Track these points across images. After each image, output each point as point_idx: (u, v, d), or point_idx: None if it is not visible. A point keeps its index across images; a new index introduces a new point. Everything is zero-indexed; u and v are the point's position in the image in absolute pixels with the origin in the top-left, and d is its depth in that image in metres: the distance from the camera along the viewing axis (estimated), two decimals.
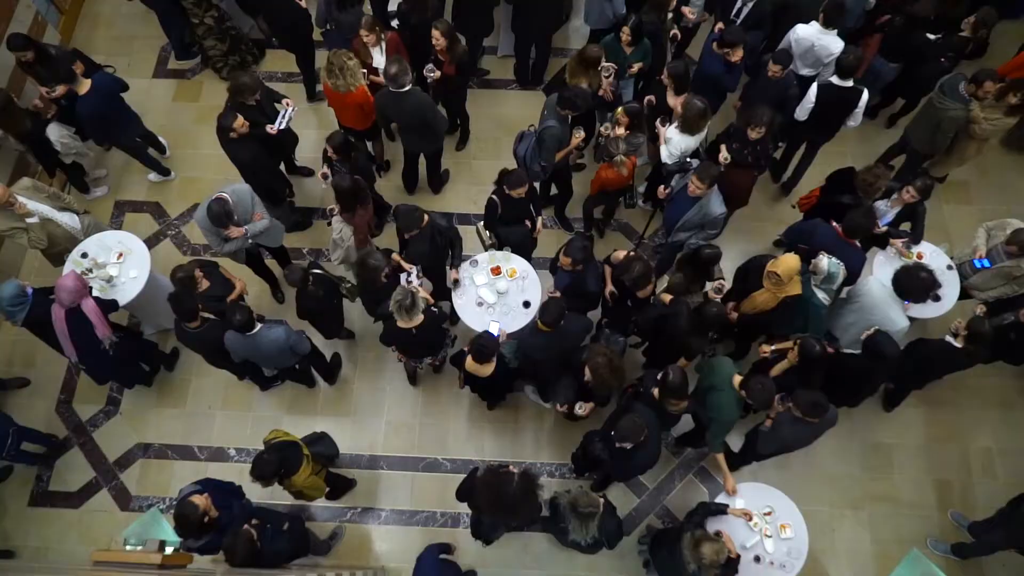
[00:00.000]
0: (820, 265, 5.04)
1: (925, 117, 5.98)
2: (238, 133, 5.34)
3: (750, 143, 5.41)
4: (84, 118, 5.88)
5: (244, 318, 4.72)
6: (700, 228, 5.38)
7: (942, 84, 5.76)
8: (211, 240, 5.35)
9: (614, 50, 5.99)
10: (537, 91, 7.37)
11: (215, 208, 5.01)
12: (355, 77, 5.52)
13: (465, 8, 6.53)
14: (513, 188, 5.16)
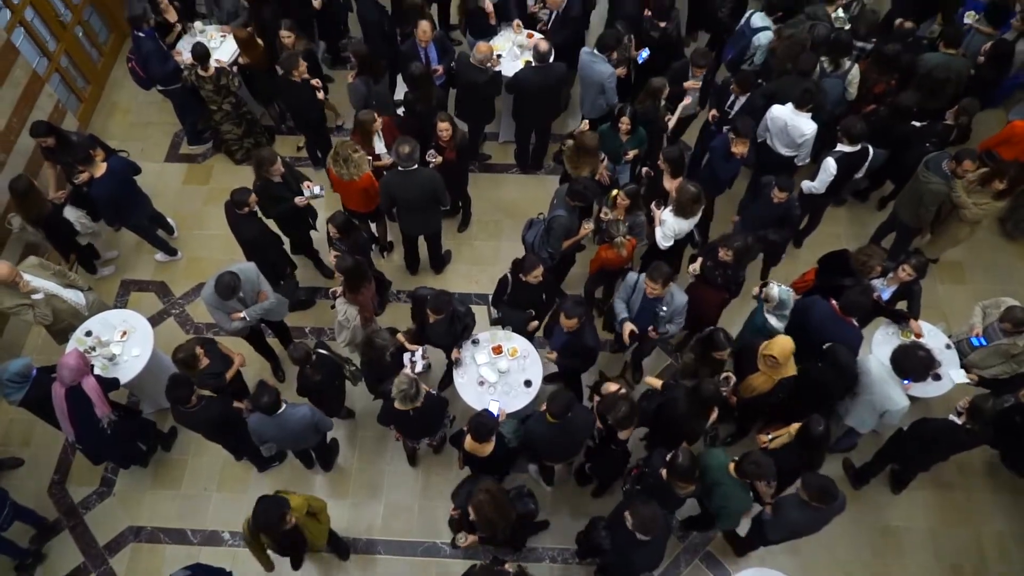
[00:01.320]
0: (771, 293, 5.33)
1: (910, 191, 6.19)
2: (249, 209, 5.51)
3: (721, 264, 5.40)
4: (99, 200, 6.05)
5: (271, 399, 4.70)
6: (669, 319, 5.34)
7: (927, 160, 6.00)
8: (218, 318, 5.41)
9: (610, 137, 6.23)
10: (537, 175, 7.61)
11: (225, 279, 5.10)
12: (359, 167, 5.76)
13: (467, 98, 6.83)
14: (527, 273, 5.26)
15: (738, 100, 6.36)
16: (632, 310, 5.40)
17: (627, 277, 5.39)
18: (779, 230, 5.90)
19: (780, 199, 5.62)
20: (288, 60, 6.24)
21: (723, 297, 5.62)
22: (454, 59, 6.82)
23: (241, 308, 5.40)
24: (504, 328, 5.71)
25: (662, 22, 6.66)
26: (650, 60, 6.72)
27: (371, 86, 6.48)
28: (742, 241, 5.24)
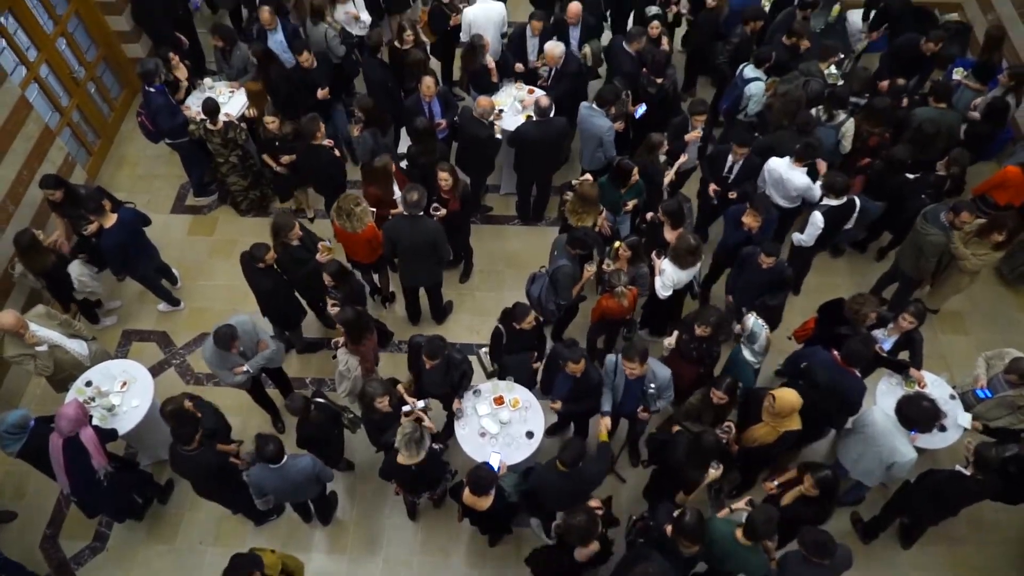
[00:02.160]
0: (747, 324, 5.42)
1: (910, 243, 6.24)
2: (265, 264, 5.61)
3: (697, 339, 5.33)
4: (107, 250, 6.11)
5: (277, 448, 4.67)
6: (659, 395, 5.23)
7: (925, 212, 6.06)
8: (221, 375, 5.44)
9: (609, 189, 6.33)
10: (538, 226, 7.69)
11: (222, 331, 5.12)
12: (362, 220, 5.85)
13: (469, 151, 6.96)
14: (521, 321, 5.28)
15: (736, 163, 6.36)
16: (618, 393, 5.23)
17: (606, 361, 5.27)
18: (776, 294, 5.83)
19: (768, 264, 5.55)
20: (308, 124, 6.35)
21: (698, 371, 5.54)
22: (457, 113, 6.98)
23: (242, 361, 5.40)
24: (504, 379, 5.69)
25: (659, 78, 6.83)
26: (647, 115, 6.88)
27: (378, 138, 6.61)
28: (717, 316, 5.20)
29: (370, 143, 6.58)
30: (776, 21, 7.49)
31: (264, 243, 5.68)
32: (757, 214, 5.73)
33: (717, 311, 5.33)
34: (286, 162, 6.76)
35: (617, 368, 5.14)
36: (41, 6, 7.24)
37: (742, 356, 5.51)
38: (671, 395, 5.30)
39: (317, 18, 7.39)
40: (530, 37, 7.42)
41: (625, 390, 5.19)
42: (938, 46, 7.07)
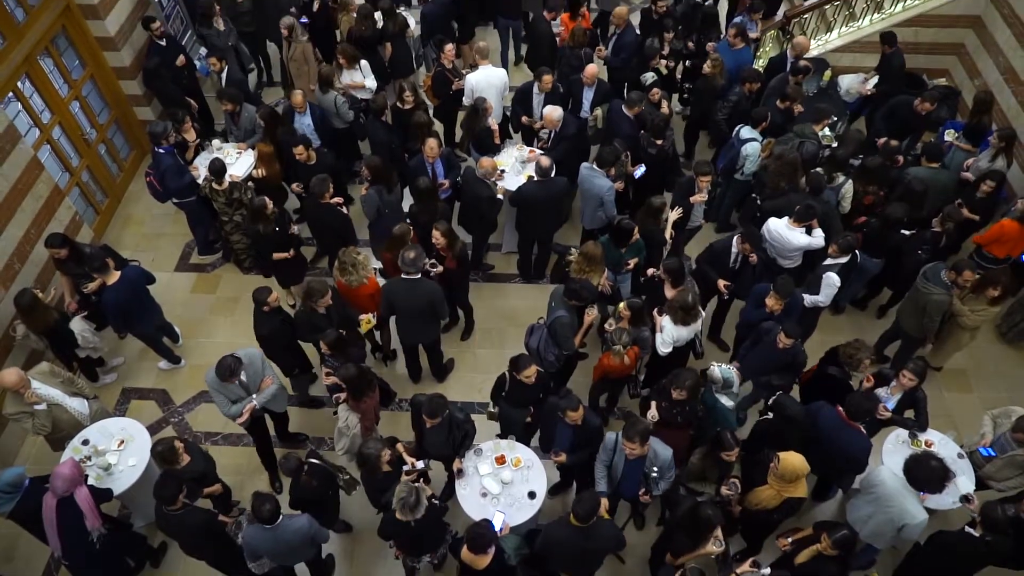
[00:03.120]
0: (714, 375, 5.46)
1: (912, 302, 6.24)
2: (269, 308, 5.66)
3: (676, 403, 5.25)
4: (109, 306, 6.12)
5: (273, 507, 4.56)
6: (661, 477, 5.10)
7: (925, 271, 6.09)
8: (218, 401, 5.38)
9: (609, 248, 6.39)
10: (539, 284, 7.73)
11: (226, 361, 5.12)
12: (366, 270, 5.91)
13: (471, 211, 7.07)
14: (520, 371, 5.25)
15: (739, 256, 6.25)
16: (617, 474, 5.07)
17: (606, 439, 5.15)
18: (784, 375, 5.74)
19: (785, 345, 5.45)
20: (319, 184, 6.48)
21: (688, 434, 5.47)
22: (460, 174, 7.12)
23: (244, 394, 5.37)
24: (498, 423, 5.65)
25: (658, 140, 6.99)
26: (646, 175, 7.01)
27: (383, 195, 6.73)
28: (692, 379, 5.14)
29: (376, 201, 6.69)
30: (770, 86, 7.72)
31: (267, 287, 5.72)
32: (781, 299, 5.65)
33: (691, 373, 5.24)
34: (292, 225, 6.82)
35: (617, 447, 5.00)
36: (57, 71, 7.46)
37: (720, 404, 5.48)
38: (672, 476, 5.13)
39: (326, 87, 7.62)
40: (536, 94, 7.63)
41: (625, 471, 5.03)
42: (933, 105, 7.26)
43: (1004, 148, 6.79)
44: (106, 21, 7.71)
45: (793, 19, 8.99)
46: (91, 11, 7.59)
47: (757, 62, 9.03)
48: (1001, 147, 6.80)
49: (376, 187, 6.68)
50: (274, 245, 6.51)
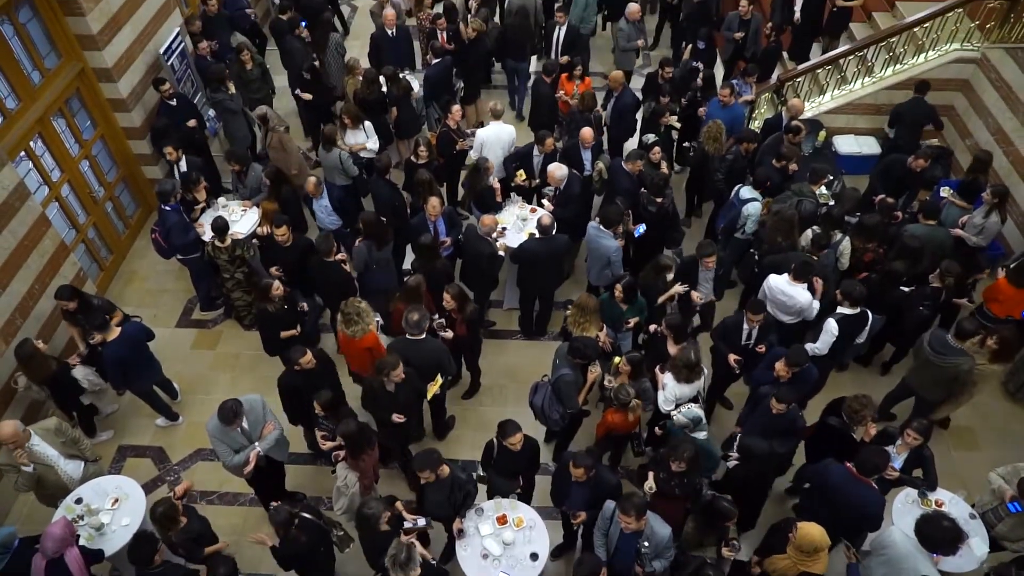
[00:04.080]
0: (680, 420, 5.47)
1: (930, 373, 6.05)
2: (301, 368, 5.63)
3: (675, 475, 5.14)
4: (109, 363, 6.11)
5: (228, 570, 4.46)
6: (657, 555, 4.89)
7: (931, 344, 5.95)
8: (220, 450, 5.32)
9: (610, 305, 6.42)
10: (541, 341, 7.72)
11: (228, 404, 5.10)
12: (369, 319, 5.95)
13: (473, 267, 7.12)
14: (506, 437, 5.15)
15: (753, 329, 6.12)
16: (611, 544, 4.94)
17: (604, 507, 5.04)
18: (784, 442, 5.61)
19: (779, 411, 5.38)
20: (324, 243, 6.57)
21: (684, 507, 5.35)
22: (461, 232, 7.21)
23: (246, 442, 5.33)
24: (494, 493, 5.54)
25: (658, 198, 7.10)
26: (647, 233, 7.09)
27: (372, 251, 6.81)
28: (691, 449, 5.07)
29: (364, 255, 6.80)
30: (765, 145, 7.89)
31: (302, 347, 5.66)
32: (789, 366, 5.56)
33: (691, 443, 5.16)
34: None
35: (614, 516, 4.87)
36: (69, 130, 7.63)
37: (700, 441, 5.38)
38: (671, 556, 4.92)
39: (329, 145, 7.78)
40: (536, 155, 7.78)
41: (619, 543, 4.88)
42: (927, 162, 7.40)
43: (997, 204, 6.90)
44: (119, 83, 7.93)
45: (787, 82, 9.25)
46: (105, 74, 7.82)
47: (753, 123, 9.27)
48: (994, 203, 6.90)
49: (367, 242, 6.77)
50: (283, 324, 6.41)
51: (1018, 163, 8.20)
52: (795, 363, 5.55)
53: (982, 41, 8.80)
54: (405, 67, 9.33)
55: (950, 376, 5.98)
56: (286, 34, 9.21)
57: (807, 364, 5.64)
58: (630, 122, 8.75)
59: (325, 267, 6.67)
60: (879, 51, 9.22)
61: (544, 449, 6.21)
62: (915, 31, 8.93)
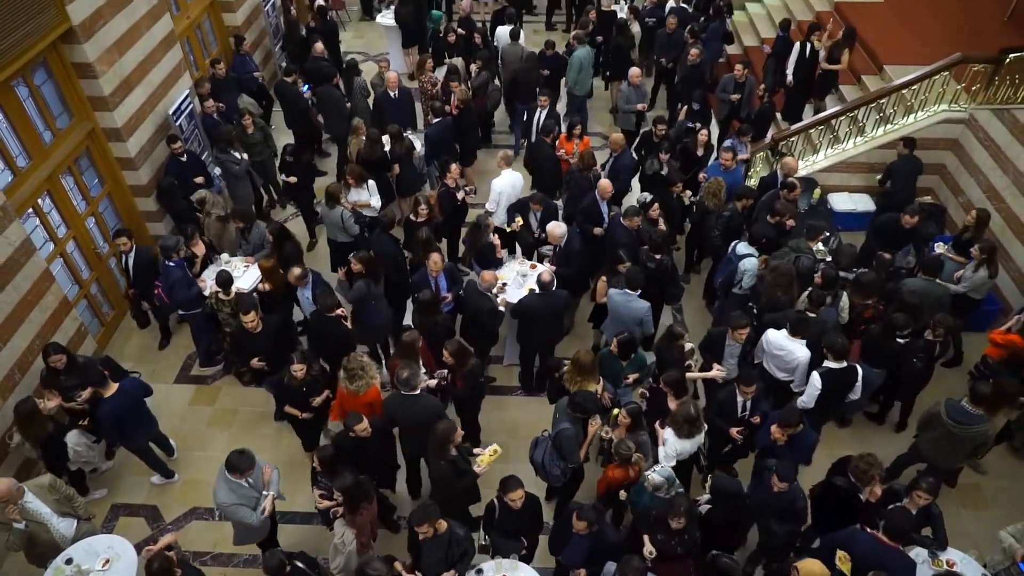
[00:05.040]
0: (655, 481, 5.28)
1: (951, 444, 5.92)
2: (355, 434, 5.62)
3: (675, 533, 5.03)
4: (104, 418, 6.06)
5: None
6: None
7: (947, 410, 5.85)
8: (241, 513, 5.30)
9: (611, 361, 6.41)
10: (541, 397, 7.65)
11: (233, 457, 5.14)
12: (372, 373, 5.96)
13: (473, 323, 7.13)
14: (506, 493, 5.08)
15: (747, 401, 6.05)
16: None
17: (605, 569, 4.98)
18: (783, 522, 5.47)
19: (780, 489, 5.25)
20: (326, 298, 6.67)
21: (687, 565, 5.20)
22: (462, 287, 7.26)
23: (256, 494, 5.33)
24: (496, 556, 5.42)
25: (657, 255, 7.17)
26: (647, 288, 7.12)
27: (371, 287, 6.97)
28: (686, 503, 5.01)
29: (364, 292, 6.96)
30: (761, 201, 8.02)
31: (359, 414, 5.60)
32: (784, 429, 5.51)
33: (683, 499, 5.10)
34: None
35: None
36: (76, 188, 7.77)
37: (657, 500, 5.28)
38: None
39: (332, 202, 7.91)
40: (532, 210, 7.92)
41: None
42: (915, 218, 7.51)
43: (986, 260, 6.98)
44: (128, 143, 8.12)
45: (781, 141, 9.47)
46: (115, 134, 8.01)
47: (749, 181, 9.44)
48: (983, 259, 6.98)
49: (366, 280, 6.93)
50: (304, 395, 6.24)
51: (1011, 220, 8.33)
52: (788, 424, 5.47)
53: (969, 102, 9.06)
54: (407, 127, 9.57)
55: (977, 443, 5.88)
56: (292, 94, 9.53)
57: (804, 428, 5.56)
58: (626, 181, 8.92)
59: (325, 322, 6.69)
60: (870, 112, 9.48)
61: (545, 507, 6.10)
62: (903, 93, 9.20)
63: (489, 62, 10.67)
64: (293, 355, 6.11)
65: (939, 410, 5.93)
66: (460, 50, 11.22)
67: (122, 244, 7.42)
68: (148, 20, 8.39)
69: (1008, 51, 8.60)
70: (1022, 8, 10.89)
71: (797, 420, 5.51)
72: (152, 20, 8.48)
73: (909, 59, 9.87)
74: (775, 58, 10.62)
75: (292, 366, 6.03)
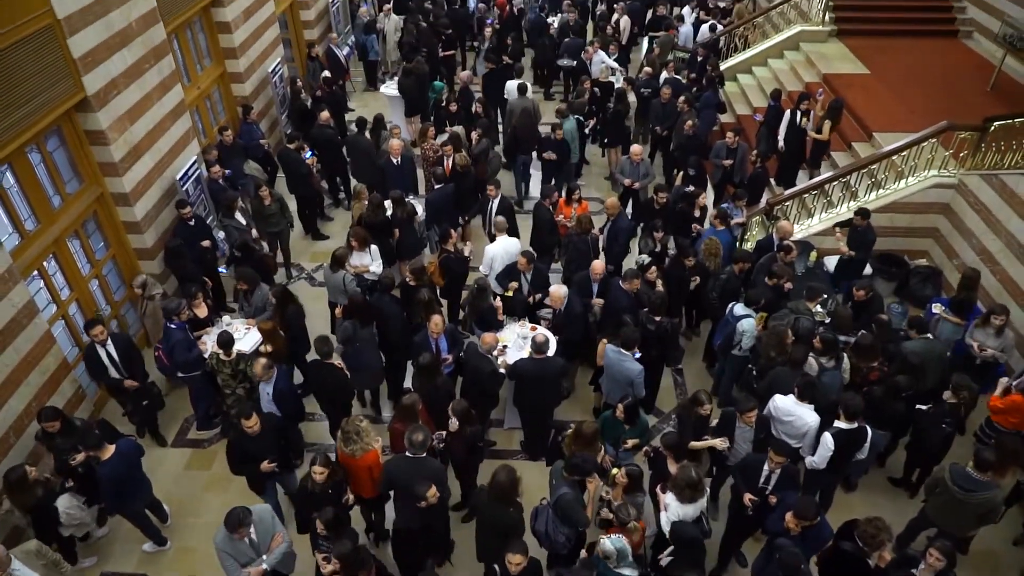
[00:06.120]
0: (606, 549, 5.11)
1: (958, 511, 5.83)
2: None
3: None
4: (104, 483, 5.97)
5: None
6: None
7: (955, 481, 5.77)
8: (227, 566, 5.14)
9: (612, 424, 6.37)
10: (542, 462, 7.56)
11: (236, 512, 5.00)
12: (369, 438, 5.89)
13: (473, 386, 7.09)
14: (506, 554, 4.97)
15: (773, 473, 5.79)
16: None
17: None
18: None
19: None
20: (323, 345, 6.73)
21: None
22: (463, 349, 7.26)
23: (254, 555, 5.17)
24: None
25: (656, 316, 7.21)
26: (647, 352, 7.12)
27: (357, 329, 7.12)
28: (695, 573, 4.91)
29: (350, 332, 7.13)
30: (759, 264, 8.12)
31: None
32: (798, 520, 5.28)
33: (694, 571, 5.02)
34: None
35: None
36: (82, 250, 7.87)
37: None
38: None
39: (336, 267, 8.01)
40: (522, 272, 8.02)
41: None
42: (867, 294, 7.60)
43: (1005, 324, 7.05)
44: (135, 207, 8.27)
45: (775, 206, 9.65)
46: (122, 199, 8.17)
47: (745, 244, 9.58)
48: (1003, 324, 7.05)
49: (352, 320, 7.09)
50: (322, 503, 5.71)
51: (1006, 282, 8.41)
52: (803, 516, 5.19)
53: (957, 168, 9.29)
54: (409, 193, 9.78)
55: (985, 510, 5.78)
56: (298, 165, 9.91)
57: (819, 519, 5.33)
58: (624, 244, 9.05)
59: (322, 369, 6.74)
60: (861, 177, 9.70)
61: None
62: (893, 159, 9.44)
63: (489, 130, 11.02)
64: (315, 456, 5.72)
65: (944, 475, 5.86)
66: (461, 119, 11.59)
67: (98, 334, 6.83)
68: (160, 91, 8.68)
69: (992, 119, 8.88)
70: (1003, 79, 11.31)
71: (814, 514, 5.23)
72: (164, 91, 8.77)
73: (897, 127, 10.21)
74: (767, 126, 10.98)
75: (313, 468, 5.62)
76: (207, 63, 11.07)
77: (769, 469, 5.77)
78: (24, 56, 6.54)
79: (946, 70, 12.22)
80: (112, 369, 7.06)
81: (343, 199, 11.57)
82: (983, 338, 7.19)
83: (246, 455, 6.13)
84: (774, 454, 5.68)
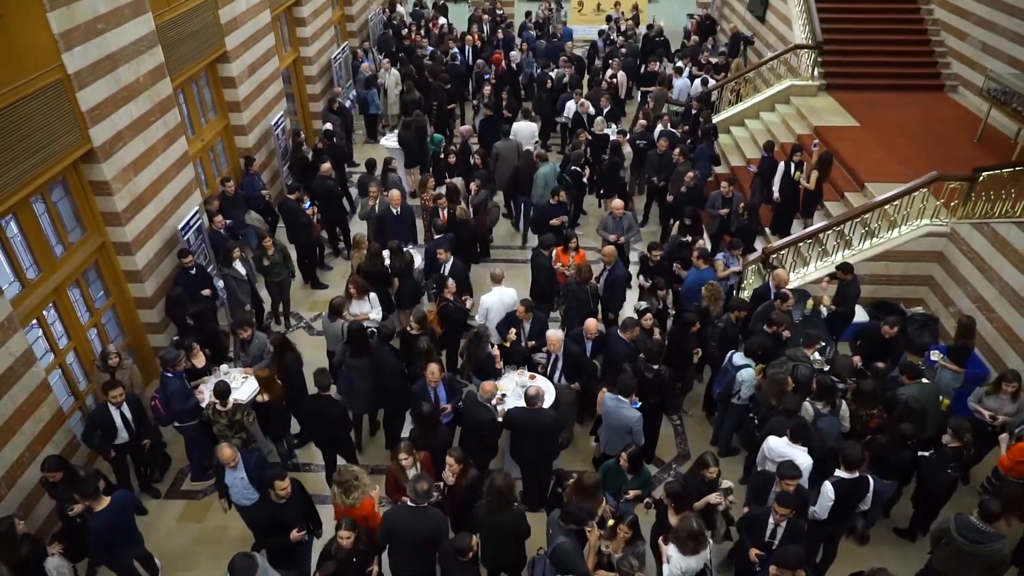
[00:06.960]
0: None
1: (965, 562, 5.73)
2: None
3: None
4: (94, 532, 5.85)
5: None
6: None
7: (961, 532, 5.68)
8: None
9: (615, 473, 6.30)
10: (543, 512, 7.43)
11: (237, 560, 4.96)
12: (366, 486, 5.85)
13: (471, 435, 7.04)
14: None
15: (779, 527, 5.73)
16: None
17: None
18: None
19: None
20: (322, 377, 6.85)
21: None
22: (462, 399, 7.23)
23: None
24: None
25: (654, 364, 7.21)
26: (645, 400, 7.10)
27: (347, 354, 7.42)
28: None
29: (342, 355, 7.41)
30: (757, 312, 8.16)
31: None
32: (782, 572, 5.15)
33: None
34: None
35: None
36: (82, 299, 7.89)
37: None
38: None
39: (335, 315, 8.03)
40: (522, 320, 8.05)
41: None
42: (894, 329, 7.65)
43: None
44: (136, 256, 8.32)
45: (771, 255, 9.75)
46: (124, 248, 8.23)
47: (742, 293, 9.64)
48: (1016, 389, 6.92)
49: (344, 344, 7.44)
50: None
51: (1003, 329, 8.45)
52: (785, 565, 5.11)
53: (949, 217, 9.42)
54: (408, 243, 9.88)
55: (995, 563, 5.67)
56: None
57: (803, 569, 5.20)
58: (622, 292, 9.10)
59: (320, 401, 6.79)
60: (855, 226, 9.83)
61: None
62: (886, 208, 9.58)
63: (488, 181, 11.20)
64: (342, 520, 5.56)
65: (949, 525, 5.77)
66: (460, 170, 11.79)
67: (117, 395, 6.73)
68: (164, 142, 8.85)
69: (981, 169, 9.06)
70: (990, 131, 11.58)
71: (796, 563, 5.12)
72: (168, 142, 8.93)
73: (888, 177, 10.40)
74: (761, 177, 11.18)
75: (339, 533, 5.47)
76: (211, 116, 11.31)
77: (774, 522, 5.67)
78: (34, 109, 6.68)
79: (934, 123, 12.52)
80: (123, 431, 6.93)
81: (343, 248, 11.69)
82: (997, 405, 7.00)
83: (275, 523, 5.80)
84: (779, 506, 5.59)
